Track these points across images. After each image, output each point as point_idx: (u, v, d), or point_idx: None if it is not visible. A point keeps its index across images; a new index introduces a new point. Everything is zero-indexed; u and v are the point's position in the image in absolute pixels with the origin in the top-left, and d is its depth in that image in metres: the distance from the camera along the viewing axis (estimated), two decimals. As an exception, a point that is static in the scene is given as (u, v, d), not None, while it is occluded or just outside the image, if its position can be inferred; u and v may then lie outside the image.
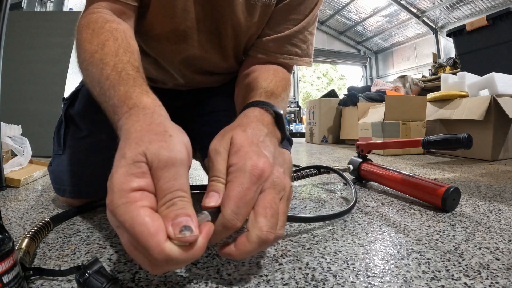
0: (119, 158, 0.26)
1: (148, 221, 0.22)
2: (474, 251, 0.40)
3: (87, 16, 0.43)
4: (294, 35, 0.55)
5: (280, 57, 0.55)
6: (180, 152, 0.26)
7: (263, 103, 0.41)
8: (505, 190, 0.76)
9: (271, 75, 0.51)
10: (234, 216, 0.28)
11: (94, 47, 0.38)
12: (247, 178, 0.29)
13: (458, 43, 2.57)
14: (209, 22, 0.53)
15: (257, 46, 0.57)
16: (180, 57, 0.58)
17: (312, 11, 0.55)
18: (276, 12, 0.54)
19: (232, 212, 0.28)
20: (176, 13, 0.50)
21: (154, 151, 0.25)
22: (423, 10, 5.49)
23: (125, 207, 0.23)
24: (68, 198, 0.60)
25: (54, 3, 3.00)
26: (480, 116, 1.30)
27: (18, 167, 0.99)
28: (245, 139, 0.33)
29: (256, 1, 0.51)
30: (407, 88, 3.37)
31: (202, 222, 0.26)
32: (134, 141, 0.26)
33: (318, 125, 2.70)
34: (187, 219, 0.23)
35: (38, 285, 0.32)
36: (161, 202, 0.24)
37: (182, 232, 0.23)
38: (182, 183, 0.25)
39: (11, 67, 1.71)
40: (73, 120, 0.61)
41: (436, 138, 0.62)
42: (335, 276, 0.34)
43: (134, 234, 0.22)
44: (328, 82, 11.03)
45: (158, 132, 0.27)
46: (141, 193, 0.24)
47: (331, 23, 6.96)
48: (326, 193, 0.76)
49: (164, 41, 0.55)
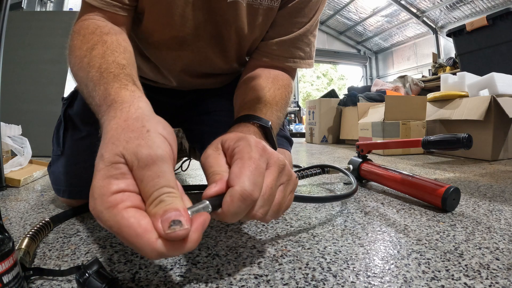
0: (97, 160, 0.25)
1: (134, 222, 0.22)
2: (474, 251, 0.40)
3: (80, 23, 0.43)
4: (299, 38, 0.55)
5: (284, 61, 0.55)
6: (159, 148, 0.25)
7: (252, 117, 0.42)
8: (505, 190, 0.76)
9: (270, 83, 0.51)
10: (252, 185, 0.27)
11: (83, 52, 0.38)
12: (255, 151, 0.29)
13: (458, 43, 2.57)
14: (210, 27, 0.53)
15: (261, 49, 0.57)
16: (180, 64, 0.58)
17: (316, 13, 0.55)
18: (280, 15, 0.54)
19: (250, 182, 0.27)
20: (175, 20, 0.50)
21: (132, 151, 0.24)
22: (423, 10, 5.49)
23: (108, 212, 0.22)
24: (67, 198, 0.60)
25: (54, 3, 3.00)
26: (480, 116, 1.30)
27: (18, 167, 0.99)
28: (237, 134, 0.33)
29: (259, 5, 0.51)
30: (407, 88, 3.37)
31: (199, 212, 0.25)
32: (111, 141, 0.25)
33: (318, 125, 2.70)
34: (176, 214, 0.22)
35: (38, 285, 0.32)
36: (148, 202, 0.24)
37: (171, 228, 0.22)
38: (167, 178, 0.24)
39: (11, 67, 1.71)
40: (72, 121, 0.61)
41: (436, 138, 0.62)
42: (335, 276, 0.34)
43: (123, 237, 0.22)
44: (328, 82, 11.03)
45: (134, 128, 0.26)
46: (122, 194, 0.23)
47: (331, 23, 6.96)
48: (326, 193, 0.76)
49: (163, 48, 0.54)
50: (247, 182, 0.27)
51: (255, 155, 0.29)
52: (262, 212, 0.29)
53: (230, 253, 0.40)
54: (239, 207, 0.27)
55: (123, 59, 0.36)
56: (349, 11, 6.35)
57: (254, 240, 0.44)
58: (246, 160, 0.28)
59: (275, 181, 0.30)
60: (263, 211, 0.29)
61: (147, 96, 0.33)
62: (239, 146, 0.30)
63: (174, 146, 0.27)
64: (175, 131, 1.04)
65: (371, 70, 7.61)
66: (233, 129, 0.41)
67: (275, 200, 0.31)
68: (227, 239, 0.44)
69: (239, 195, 0.26)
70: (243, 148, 0.30)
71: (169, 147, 0.26)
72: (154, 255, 0.22)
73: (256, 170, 0.28)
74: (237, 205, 0.26)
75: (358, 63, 7.70)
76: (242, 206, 0.27)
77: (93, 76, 0.34)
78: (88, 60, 0.36)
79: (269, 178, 0.30)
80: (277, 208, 0.31)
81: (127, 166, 0.24)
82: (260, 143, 0.31)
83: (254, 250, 0.41)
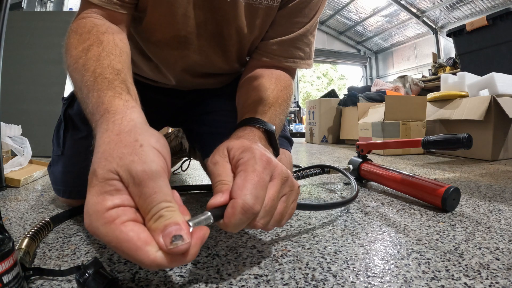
0: (91, 176, 0.25)
1: (133, 236, 0.22)
2: (474, 251, 0.40)
3: (77, 21, 0.43)
4: (299, 38, 0.55)
5: (284, 61, 0.55)
6: (154, 162, 0.24)
7: (257, 121, 0.42)
8: (505, 190, 0.76)
9: (273, 84, 0.51)
10: (254, 199, 0.27)
11: (79, 52, 0.37)
12: (259, 163, 0.29)
13: (458, 43, 2.57)
14: (211, 26, 0.53)
15: (261, 49, 0.57)
16: (181, 63, 0.58)
17: (316, 13, 0.55)
18: (280, 14, 0.54)
19: (251, 195, 0.27)
20: (177, 19, 0.50)
21: (126, 168, 0.24)
22: (423, 10, 5.49)
23: (105, 228, 0.22)
24: (67, 198, 0.60)
25: (54, 3, 3.00)
26: (480, 116, 1.30)
27: (18, 167, 0.99)
28: (243, 143, 0.33)
29: (258, 4, 0.51)
30: (407, 88, 3.37)
31: (200, 225, 0.26)
32: (103, 157, 0.25)
33: (318, 125, 2.70)
34: (176, 228, 0.23)
35: (38, 285, 0.32)
36: (148, 217, 0.24)
37: (173, 243, 0.22)
38: (165, 193, 0.24)
39: (11, 67, 1.71)
40: (72, 121, 0.61)
41: (436, 138, 0.62)
42: (335, 276, 0.34)
43: (123, 251, 0.22)
44: (328, 82, 11.03)
45: (127, 143, 0.25)
46: (117, 209, 0.23)
47: (331, 23, 6.96)
48: (326, 193, 0.76)
49: (165, 47, 0.54)
50: (249, 195, 0.27)
51: (259, 168, 0.29)
52: (263, 222, 0.30)
53: (230, 253, 0.40)
54: (240, 220, 0.27)
55: (118, 62, 0.36)
56: (349, 11, 6.35)
57: (254, 240, 0.44)
58: (249, 173, 0.29)
59: (278, 193, 0.31)
60: (264, 221, 0.30)
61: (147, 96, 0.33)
62: (244, 157, 0.31)
63: (168, 159, 0.27)
64: (175, 131, 1.04)
65: (371, 70, 7.60)
66: (238, 133, 0.41)
67: (277, 210, 0.31)
68: (227, 239, 0.44)
69: (240, 208, 0.27)
70: (248, 161, 0.30)
71: (163, 161, 0.26)
72: (154, 267, 0.22)
73: (259, 183, 0.28)
74: (238, 217, 0.27)
75: (358, 63, 7.69)
76: (243, 219, 0.27)
77: (87, 80, 0.34)
78: (83, 62, 0.36)
79: (271, 190, 0.30)
80: (279, 217, 0.32)
81: (121, 183, 0.24)
82: (264, 156, 0.31)
83: (254, 250, 0.41)
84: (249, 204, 0.27)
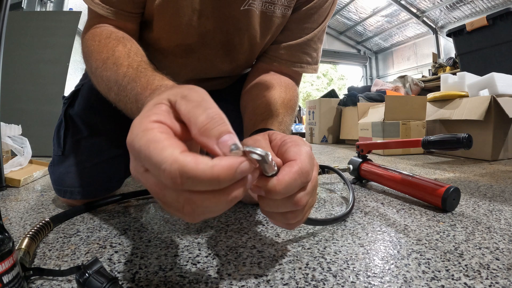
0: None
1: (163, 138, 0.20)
2: (474, 251, 0.40)
3: (91, 31, 0.45)
4: (307, 43, 0.55)
5: (291, 65, 0.56)
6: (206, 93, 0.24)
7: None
8: (505, 190, 0.76)
9: (283, 93, 0.52)
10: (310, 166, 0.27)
11: (105, 54, 0.39)
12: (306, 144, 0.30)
13: (458, 43, 2.57)
14: (220, 35, 0.53)
15: (269, 53, 0.57)
16: (186, 71, 0.58)
17: (325, 19, 0.55)
18: (290, 20, 0.54)
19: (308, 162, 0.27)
20: (181, 28, 0.50)
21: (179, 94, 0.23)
22: (423, 10, 5.48)
23: (143, 134, 0.21)
24: (68, 199, 0.60)
25: (54, 3, 3.00)
26: (480, 116, 1.30)
27: (18, 167, 0.99)
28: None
29: (272, 12, 0.51)
30: (407, 88, 3.36)
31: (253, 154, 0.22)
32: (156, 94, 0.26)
33: (318, 125, 2.70)
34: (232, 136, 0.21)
35: (38, 285, 0.32)
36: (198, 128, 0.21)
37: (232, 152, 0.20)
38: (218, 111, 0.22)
39: (11, 67, 1.71)
40: (73, 121, 0.61)
41: (436, 138, 0.62)
42: (335, 276, 0.34)
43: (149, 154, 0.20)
44: (328, 82, 11.02)
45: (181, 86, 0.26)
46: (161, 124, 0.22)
47: (331, 23, 6.95)
48: (326, 193, 0.76)
49: (170, 55, 0.55)
50: (306, 160, 0.27)
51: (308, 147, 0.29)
52: (306, 200, 0.28)
53: (230, 253, 0.40)
54: (295, 180, 0.26)
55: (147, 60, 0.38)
56: (349, 11, 6.35)
57: (254, 240, 0.44)
58: (302, 147, 0.28)
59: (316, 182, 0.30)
60: (306, 200, 0.28)
61: None
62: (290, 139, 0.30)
63: None
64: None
65: (371, 70, 7.60)
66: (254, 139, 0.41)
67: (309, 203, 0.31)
68: (227, 239, 0.44)
69: (298, 168, 0.26)
70: (296, 139, 0.30)
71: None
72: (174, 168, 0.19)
73: (311, 157, 0.28)
74: (293, 177, 0.26)
75: (358, 63, 7.69)
76: (298, 180, 0.26)
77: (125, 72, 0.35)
78: (113, 60, 0.38)
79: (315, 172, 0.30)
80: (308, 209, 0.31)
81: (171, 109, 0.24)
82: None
83: (254, 250, 0.41)
84: (306, 167, 0.26)
